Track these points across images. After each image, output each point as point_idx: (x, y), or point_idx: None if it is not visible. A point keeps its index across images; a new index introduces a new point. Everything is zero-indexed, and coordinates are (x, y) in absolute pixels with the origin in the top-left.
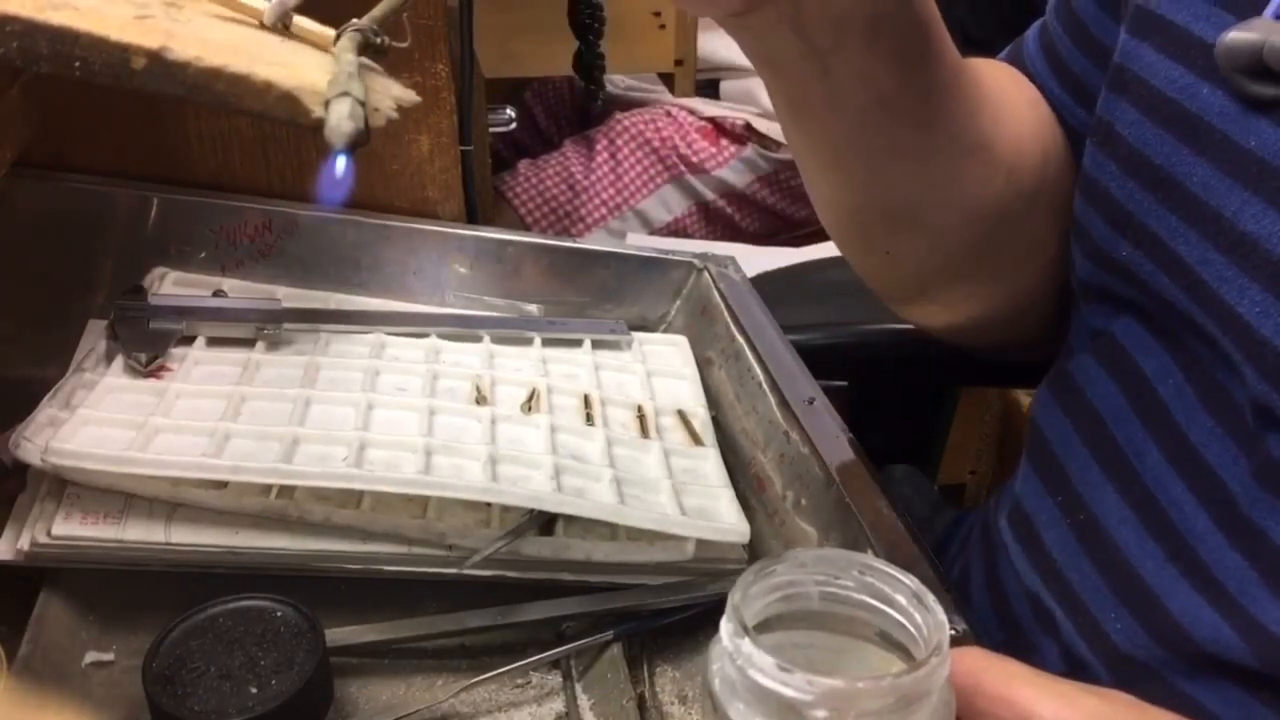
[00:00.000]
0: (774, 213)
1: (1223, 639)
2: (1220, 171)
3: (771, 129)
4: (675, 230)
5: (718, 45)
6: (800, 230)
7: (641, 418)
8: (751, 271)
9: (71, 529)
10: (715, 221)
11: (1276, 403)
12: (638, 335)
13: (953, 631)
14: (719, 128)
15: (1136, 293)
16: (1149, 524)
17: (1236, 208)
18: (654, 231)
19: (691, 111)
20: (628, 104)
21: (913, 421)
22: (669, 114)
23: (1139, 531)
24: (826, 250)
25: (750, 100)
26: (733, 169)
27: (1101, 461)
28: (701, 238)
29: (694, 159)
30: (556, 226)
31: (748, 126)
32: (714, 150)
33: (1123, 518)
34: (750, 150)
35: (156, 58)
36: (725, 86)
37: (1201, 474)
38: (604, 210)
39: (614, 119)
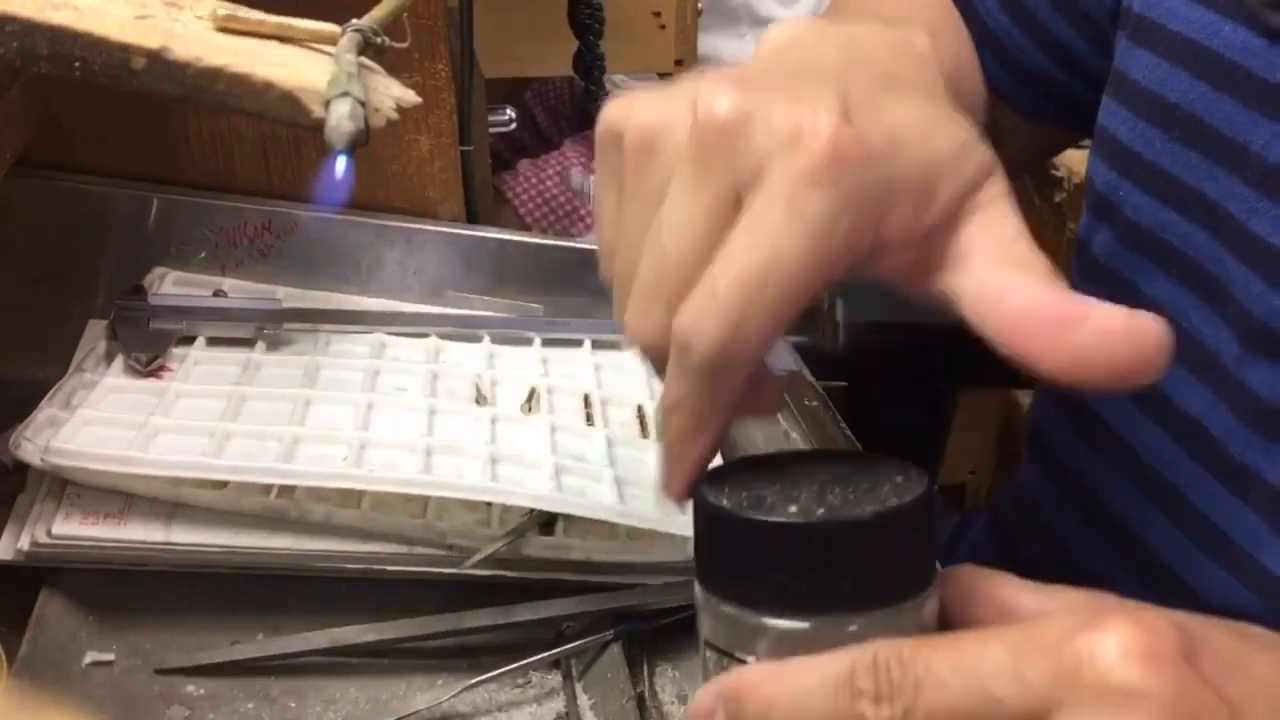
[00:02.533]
0: None
1: (1235, 596)
2: (1245, 106)
3: None
4: None
5: (718, 46)
6: None
7: (642, 418)
8: None
9: (71, 529)
10: None
11: None
12: None
13: None
14: None
15: (1131, 238)
16: (1147, 490)
17: (1266, 140)
18: None
19: None
20: None
21: (912, 422)
22: None
23: (1139, 500)
24: None
25: None
26: None
27: (1088, 434)
28: None
29: None
30: (556, 226)
31: None
32: None
33: (1120, 489)
34: None
35: (156, 58)
36: None
37: (1185, 425)
38: None
39: None
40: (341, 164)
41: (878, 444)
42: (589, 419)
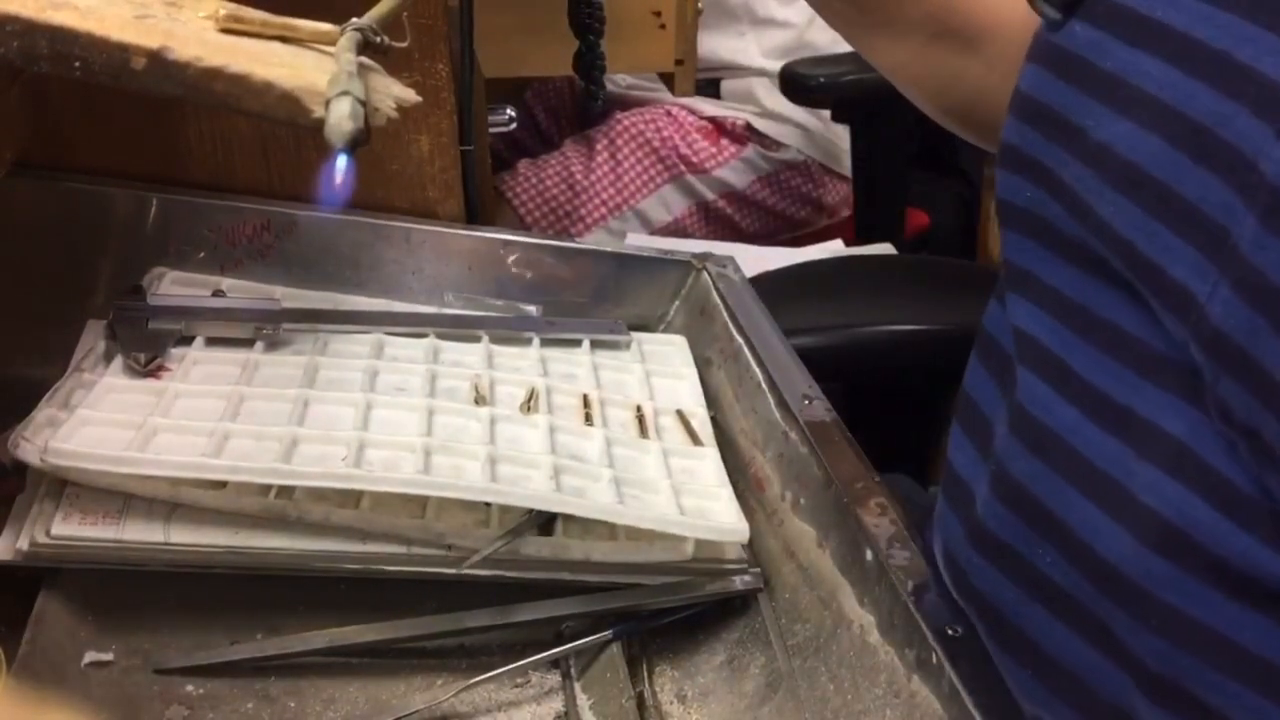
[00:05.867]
0: (774, 213)
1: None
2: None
3: (771, 129)
4: (675, 230)
5: (718, 45)
6: (800, 230)
7: (640, 418)
8: (751, 271)
9: (70, 529)
10: (715, 221)
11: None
12: (637, 335)
13: (951, 633)
14: (719, 127)
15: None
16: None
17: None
18: (654, 231)
19: (692, 111)
20: (628, 103)
21: (910, 423)
22: (669, 114)
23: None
24: (826, 250)
25: (751, 100)
26: (733, 169)
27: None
28: (702, 237)
29: (694, 159)
30: (556, 226)
31: (748, 126)
32: (714, 150)
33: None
34: (751, 150)
35: (156, 58)
36: (726, 86)
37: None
38: (604, 210)
39: (614, 118)
40: (342, 164)
41: (878, 444)
42: (588, 419)
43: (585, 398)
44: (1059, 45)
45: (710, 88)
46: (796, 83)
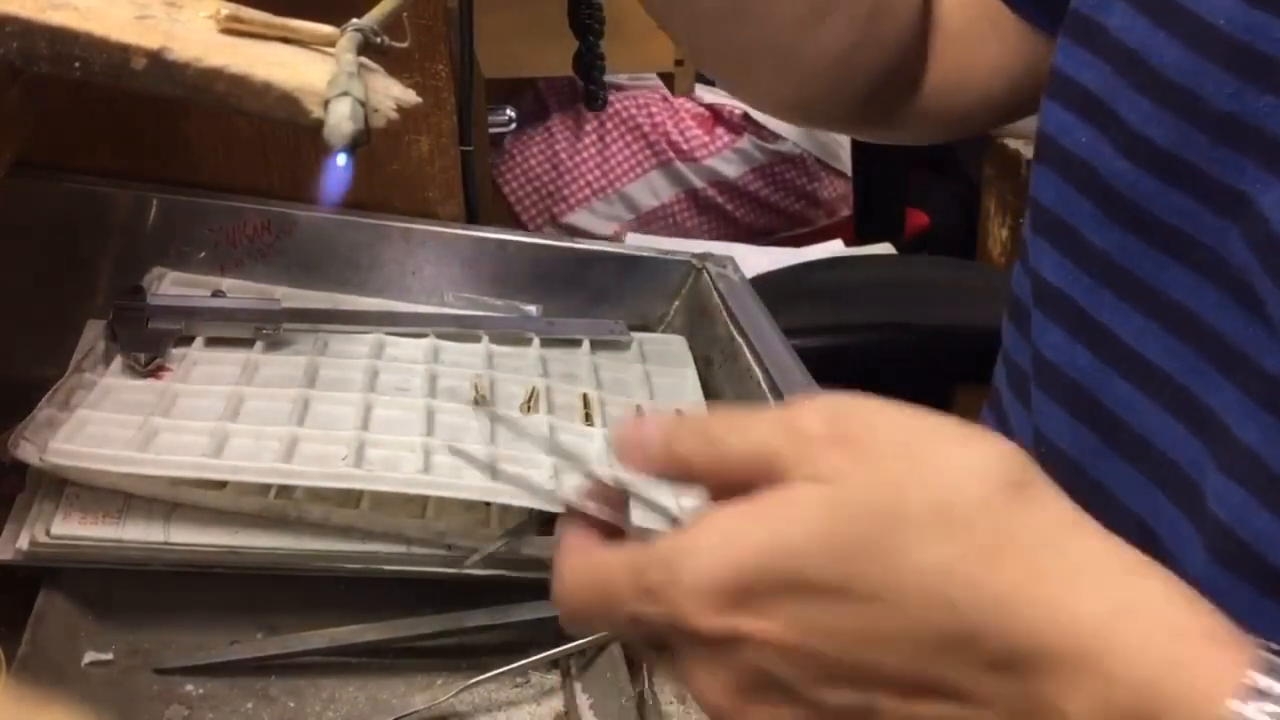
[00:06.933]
0: (768, 205)
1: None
2: (1191, 51)
3: (769, 121)
4: (663, 216)
5: None
6: (799, 229)
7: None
8: (751, 272)
9: (70, 528)
10: (707, 211)
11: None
12: (637, 335)
13: None
14: (716, 115)
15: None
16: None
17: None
18: (640, 216)
19: (689, 96)
20: (626, 89)
21: None
22: (665, 99)
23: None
24: (826, 251)
25: None
26: (725, 158)
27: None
28: (693, 226)
29: (684, 146)
30: (540, 205)
31: (745, 116)
32: (707, 139)
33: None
34: (746, 140)
35: (156, 58)
36: None
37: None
38: (587, 191)
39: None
40: (341, 164)
41: None
42: (588, 418)
43: (585, 397)
44: None
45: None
46: None
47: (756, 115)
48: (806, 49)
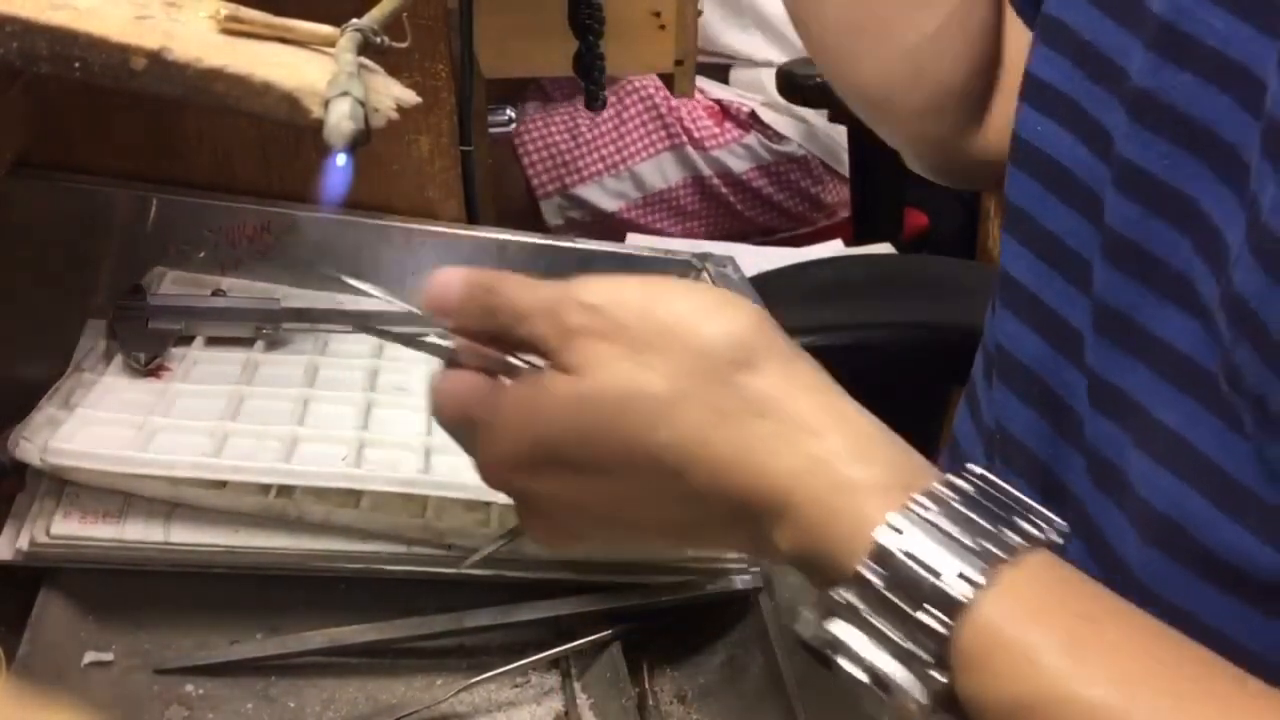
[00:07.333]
0: (771, 203)
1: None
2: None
3: (776, 120)
4: (668, 200)
5: (731, 40)
6: (799, 228)
7: None
8: (751, 271)
9: (70, 528)
10: (710, 199)
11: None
12: None
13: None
14: (725, 111)
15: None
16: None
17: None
18: (646, 196)
19: (700, 90)
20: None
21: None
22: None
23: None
24: (826, 250)
25: (759, 90)
26: (732, 152)
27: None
28: (695, 212)
29: (696, 133)
30: (553, 173)
31: (753, 114)
32: (717, 130)
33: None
34: (753, 137)
35: (156, 58)
36: (735, 74)
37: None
38: (600, 166)
39: (626, 79)
40: (341, 164)
41: None
42: None
43: None
44: None
45: (719, 73)
46: (793, 82)
47: (763, 114)
48: (901, 22)
